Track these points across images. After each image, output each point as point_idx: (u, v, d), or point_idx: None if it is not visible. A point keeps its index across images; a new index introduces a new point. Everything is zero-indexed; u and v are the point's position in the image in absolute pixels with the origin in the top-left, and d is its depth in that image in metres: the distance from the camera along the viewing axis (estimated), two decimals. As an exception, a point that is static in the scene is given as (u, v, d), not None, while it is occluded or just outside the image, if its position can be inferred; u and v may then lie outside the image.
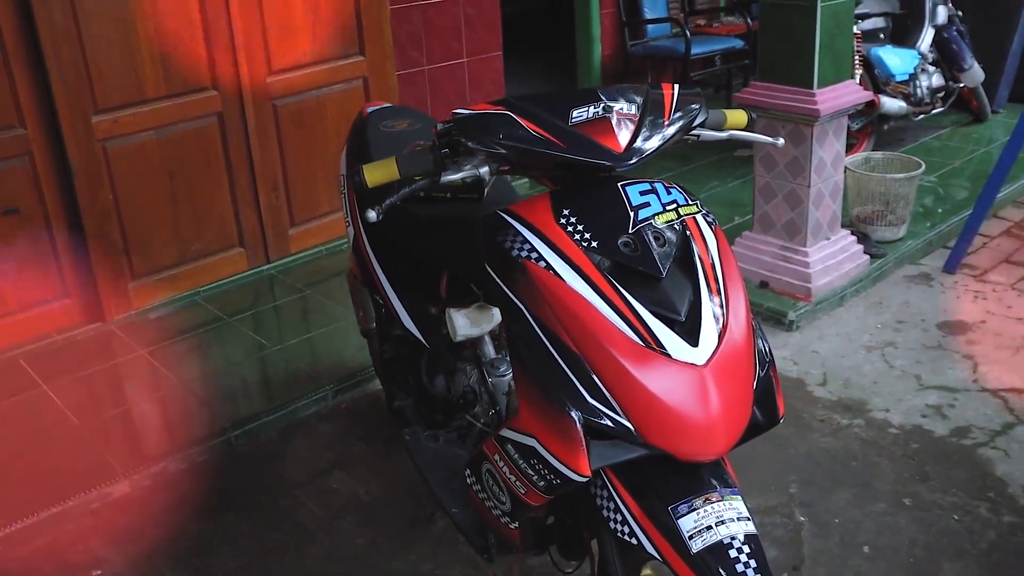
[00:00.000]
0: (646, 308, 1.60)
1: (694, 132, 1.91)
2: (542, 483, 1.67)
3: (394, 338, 2.71)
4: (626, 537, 1.65)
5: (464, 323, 2.27)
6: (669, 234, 1.69)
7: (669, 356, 1.57)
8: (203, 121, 4.04)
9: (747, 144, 4.14)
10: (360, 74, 4.50)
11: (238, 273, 4.28)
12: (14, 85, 3.52)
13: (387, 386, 2.84)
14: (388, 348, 2.79)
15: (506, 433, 1.73)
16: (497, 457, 1.79)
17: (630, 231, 1.66)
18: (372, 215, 1.76)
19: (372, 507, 2.84)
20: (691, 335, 1.60)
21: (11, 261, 3.64)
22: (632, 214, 1.68)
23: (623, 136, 1.75)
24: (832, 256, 3.93)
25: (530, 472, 1.68)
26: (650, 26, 6.67)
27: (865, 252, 4.10)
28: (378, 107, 2.89)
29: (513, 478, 1.75)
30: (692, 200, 1.79)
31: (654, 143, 1.77)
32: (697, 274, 1.67)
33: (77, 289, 3.83)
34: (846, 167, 4.12)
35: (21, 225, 3.63)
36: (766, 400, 1.72)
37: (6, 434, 3.18)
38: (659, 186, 1.76)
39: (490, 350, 2.39)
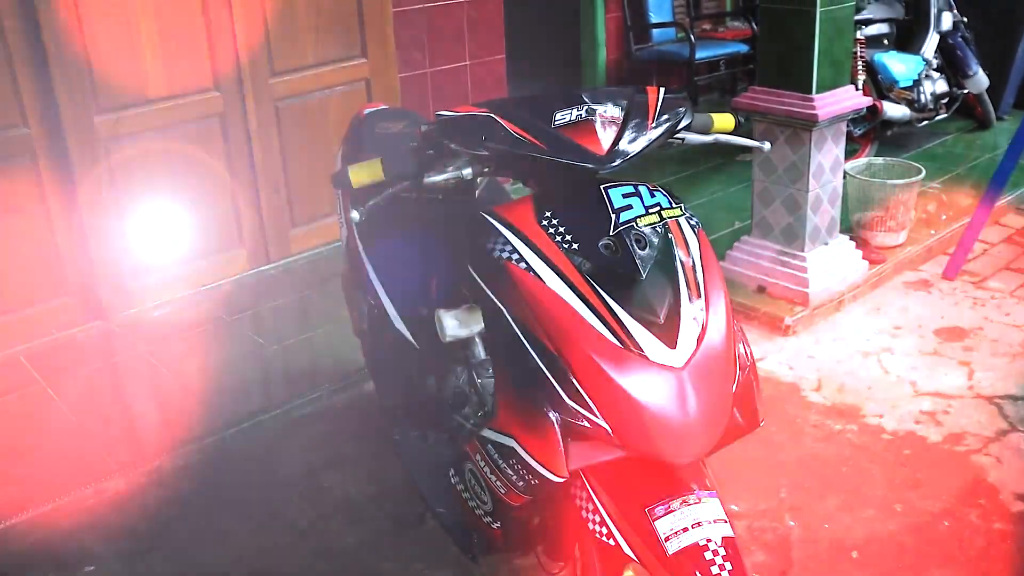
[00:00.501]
0: (624, 310, 1.60)
1: (679, 135, 1.92)
2: (521, 483, 1.68)
3: (386, 338, 2.72)
4: (604, 538, 1.66)
5: (453, 324, 2.26)
6: (651, 237, 1.69)
7: (647, 358, 1.58)
8: (205, 122, 4.06)
9: (749, 149, 4.14)
10: (362, 76, 4.52)
11: (239, 273, 4.30)
12: (17, 85, 3.55)
13: (379, 386, 2.86)
14: (380, 348, 2.80)
15: (486, 433, 1.74)
16: (478, 457, 1.80)
17: (611, 233, 1.67)
18: (355, 215, 1.77)
19: (363, 506, 2.85)
20: (669, 337, 1.60)
21: (13, 259, 3.67)
22: (614, 216, 1.69)
23: (606, 138, 1.75)
24: (830, 261, 3.92)
25: (509, 472, 1.69)
26: (655, 30, 6.66)
27: (864, 258, 4.09)
28: (375, 108, 2.90)
29: (493, 478, 1.76)
30: (676, 203, 1.79)
31: (638, 146, 1.78)
32: (678, 277, 1.67)
33: (78, 287, 3.85)
34: (846, 172, 4.12)
35: (23, 223, 3.66)
36: (746, 404, 1.73)
37: (4, 431, 3.21)
38: (643, 189, 1.77)
39: (480, 351, 2.38)
